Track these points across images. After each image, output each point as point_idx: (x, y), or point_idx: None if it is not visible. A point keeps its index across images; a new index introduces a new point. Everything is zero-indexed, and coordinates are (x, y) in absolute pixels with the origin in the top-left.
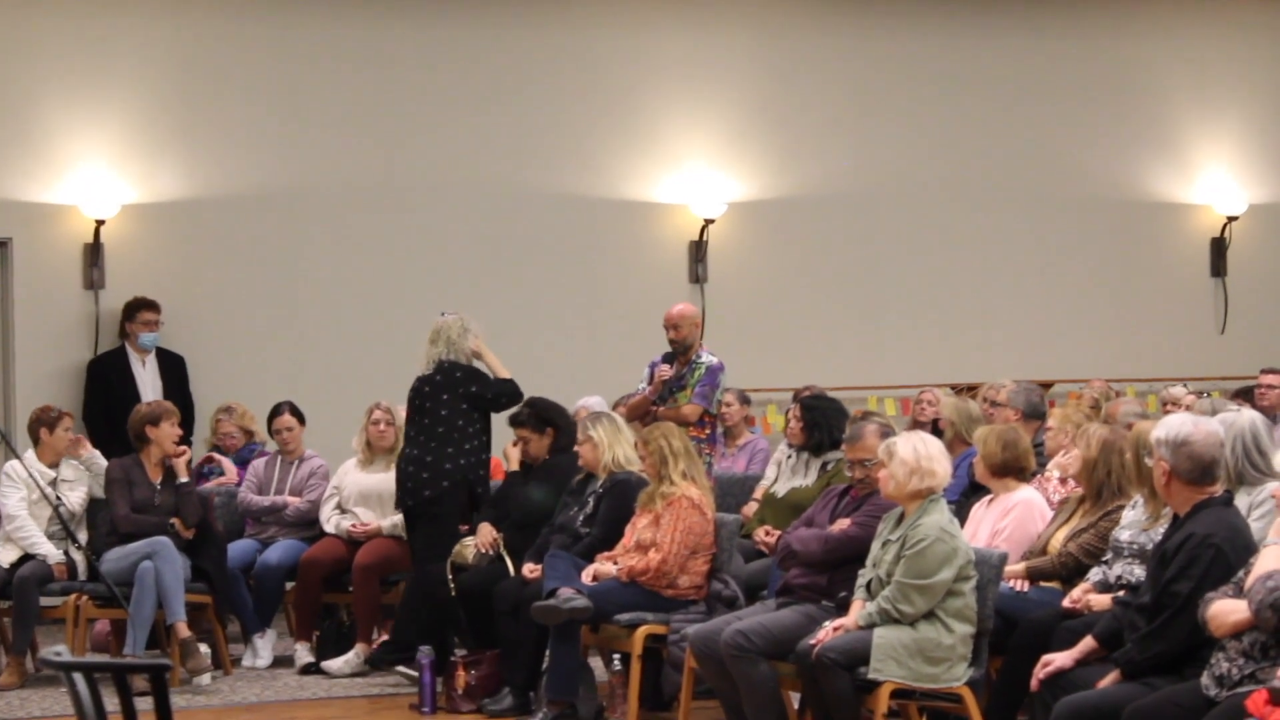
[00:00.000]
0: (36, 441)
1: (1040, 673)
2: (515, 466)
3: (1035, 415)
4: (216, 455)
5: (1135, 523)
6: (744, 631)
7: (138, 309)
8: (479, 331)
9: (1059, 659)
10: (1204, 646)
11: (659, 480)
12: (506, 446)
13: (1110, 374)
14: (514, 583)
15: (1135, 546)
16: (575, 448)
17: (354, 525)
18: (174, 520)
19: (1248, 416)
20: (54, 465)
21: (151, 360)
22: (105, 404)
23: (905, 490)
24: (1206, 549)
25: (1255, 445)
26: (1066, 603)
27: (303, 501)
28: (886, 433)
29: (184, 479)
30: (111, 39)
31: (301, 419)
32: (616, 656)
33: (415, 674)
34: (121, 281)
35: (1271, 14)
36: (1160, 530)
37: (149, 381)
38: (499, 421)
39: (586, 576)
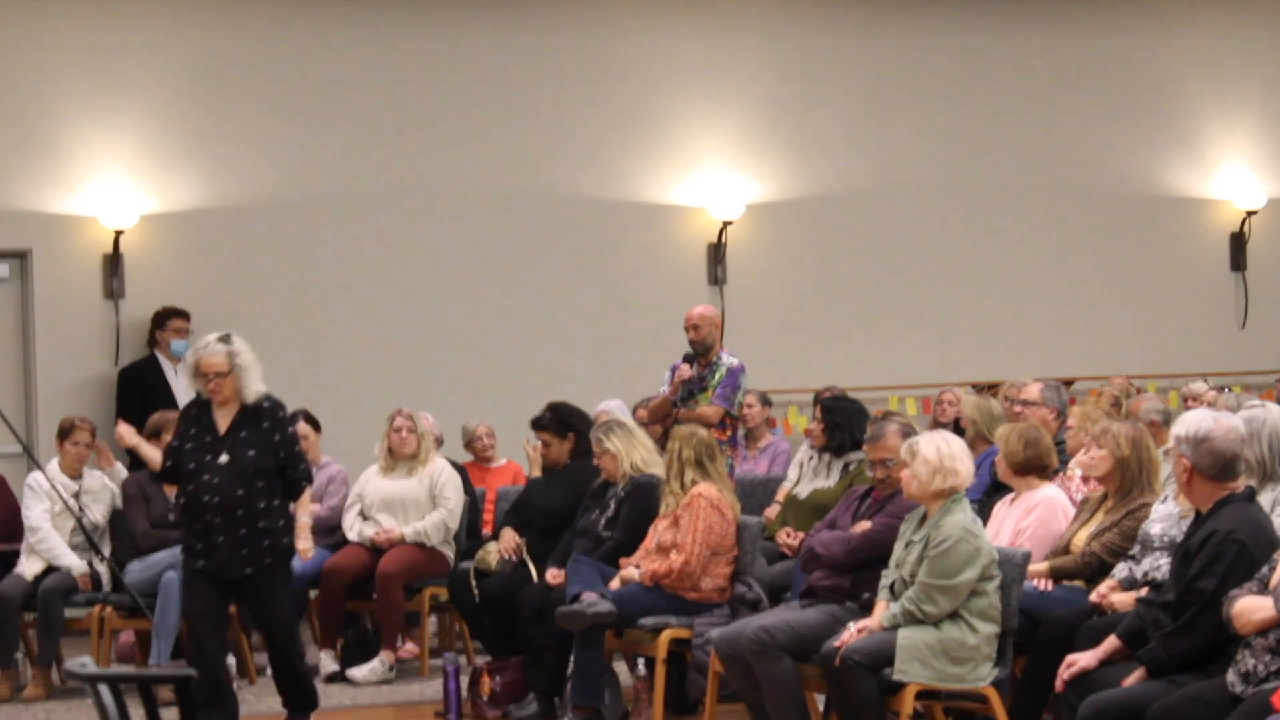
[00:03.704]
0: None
1: (1065, 673)
2: (537, 471)
3: (1063, 413)
4: None
5: (1168, 516)
6: (767, 628)
7: (168, 317)
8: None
9: (1083, 659)
10: (1229, 643)
11: (670, 484)
12: (528, 450)
13: (1131, 370)
14: (537, 588)
15: (1166, 539)
16: (595, 461)
17: (377, 532)
18: None
19: (1276, 412)
20: (76, 477)
21: (183, 369)
22: (143, 413)
23: (928, 490)
24: (1230, 545)
25: None
26: (1094, 597)
27: (322, 508)
28: (908, 432)
29: None
30: (128, 50)
31: (317, 426)
32: (641, 661)
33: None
34: (141, 291)
35: None
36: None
37: (184, 390)
38: (521, 425)
39: (614, 586)
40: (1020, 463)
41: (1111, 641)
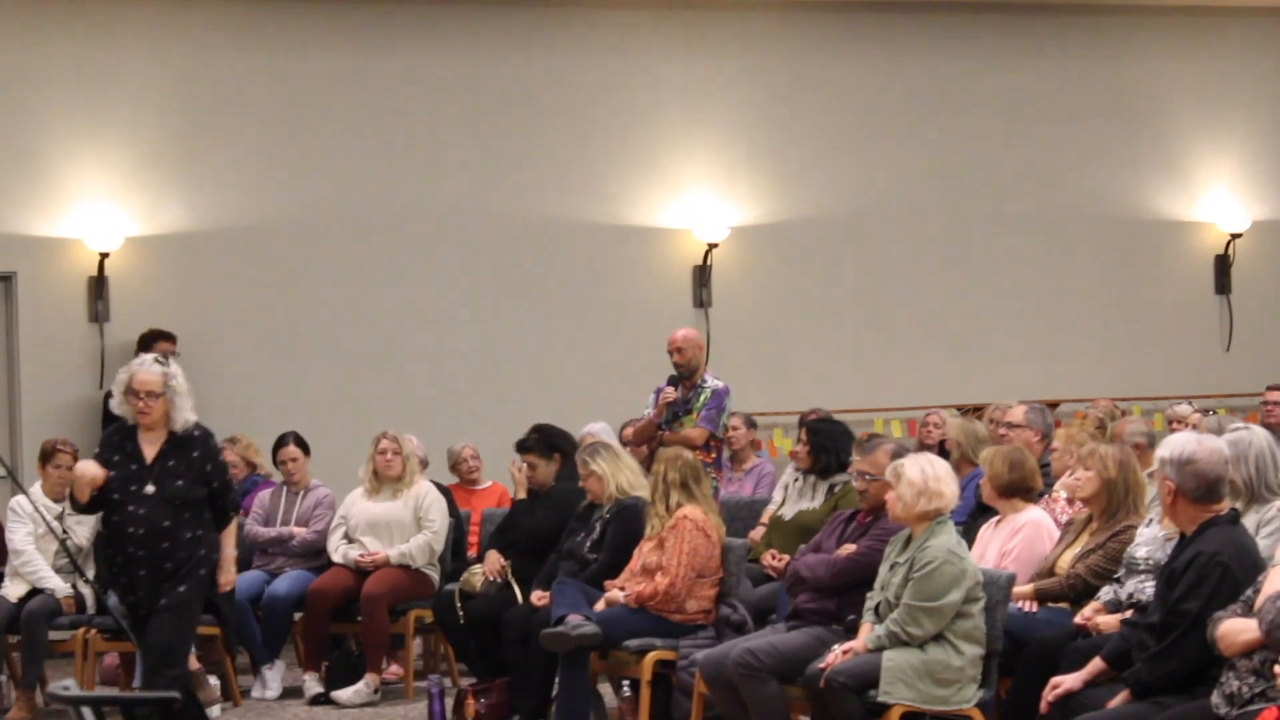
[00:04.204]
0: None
1: (1049, 695)
2: (522, 493)
3: (1048, 435)
4: None
5: (1153, 539)
6: (753, 650)
7: (154, 339)
8: None
9: (1068, 681)
10: (1214, 665)
11: (655, 506)
12: (513, 472)
13: (1116, 393)
14: (522, 610)
15: (1152, 562)
16: (580, 483)
17: (362, 555)
18: None
19: (1261, 435)
20: (59, 499)
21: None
22: None
23: (913, 512)
24: (1214, 567)
25: (1273, 462)
26: (1078, 620)
27: (309, 532)
28: (899, 454)
29: None
30: (114, 73)
31: (306, 449)
32: (626, 683)
33: None
34: (126, 314)
35: (1273, 31)
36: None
37: None
38: (506, 447)
39: (599, 608)
40: (1005, 485)
41: (1096, 663)
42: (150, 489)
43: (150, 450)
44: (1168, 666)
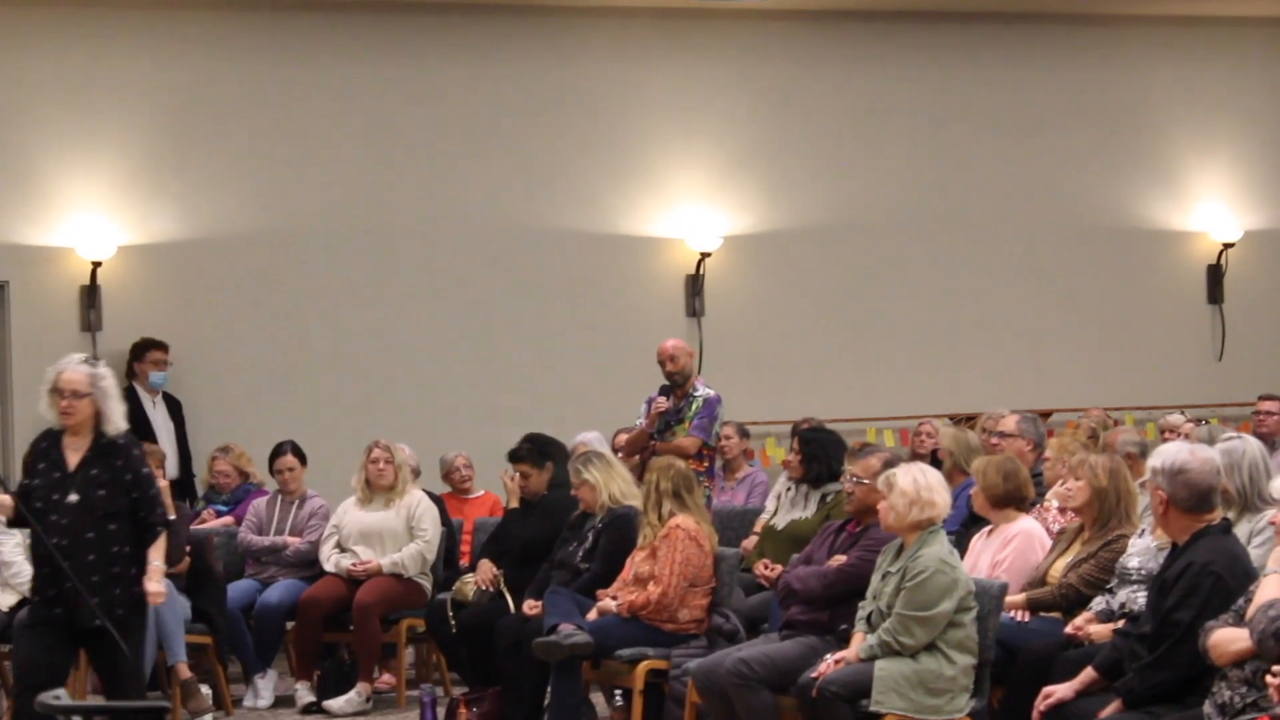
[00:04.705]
0: None
1: (1041, 704)
2: (514, 502)
3: (1040, 445)
4: None
5: (1146, 549)
6: (746, 660)
7: (146, 348)
8: None
9: (1060, 690)
10: (1206, 675)
11: (647, 515)
12: (505, 481)
13: (1108, 402)
14: (514, 619)
15: (1144, 572)
16: (573, 492)
17: (354, 564)
18: None
19: (1254, 445)
20: None
21: (160, 401)
22: None
23: (905, 521)
24: (1206, 577)
25: (1265, 472)
26: (1069, 629)
27: (303, 542)
28: (891, 463)
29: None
30: (106, 83)
31: (303, 459)
32: (618, 692)
33: None
34: (119, 323)
35: (1266, 40)
36: None
37: (161, 423)
38: (499, 456)
39: (591, 617)
40: (998, 495)
41: (1088, 673)
42: (73, 497)
43: (74, 457)
44: (1160, 676)
